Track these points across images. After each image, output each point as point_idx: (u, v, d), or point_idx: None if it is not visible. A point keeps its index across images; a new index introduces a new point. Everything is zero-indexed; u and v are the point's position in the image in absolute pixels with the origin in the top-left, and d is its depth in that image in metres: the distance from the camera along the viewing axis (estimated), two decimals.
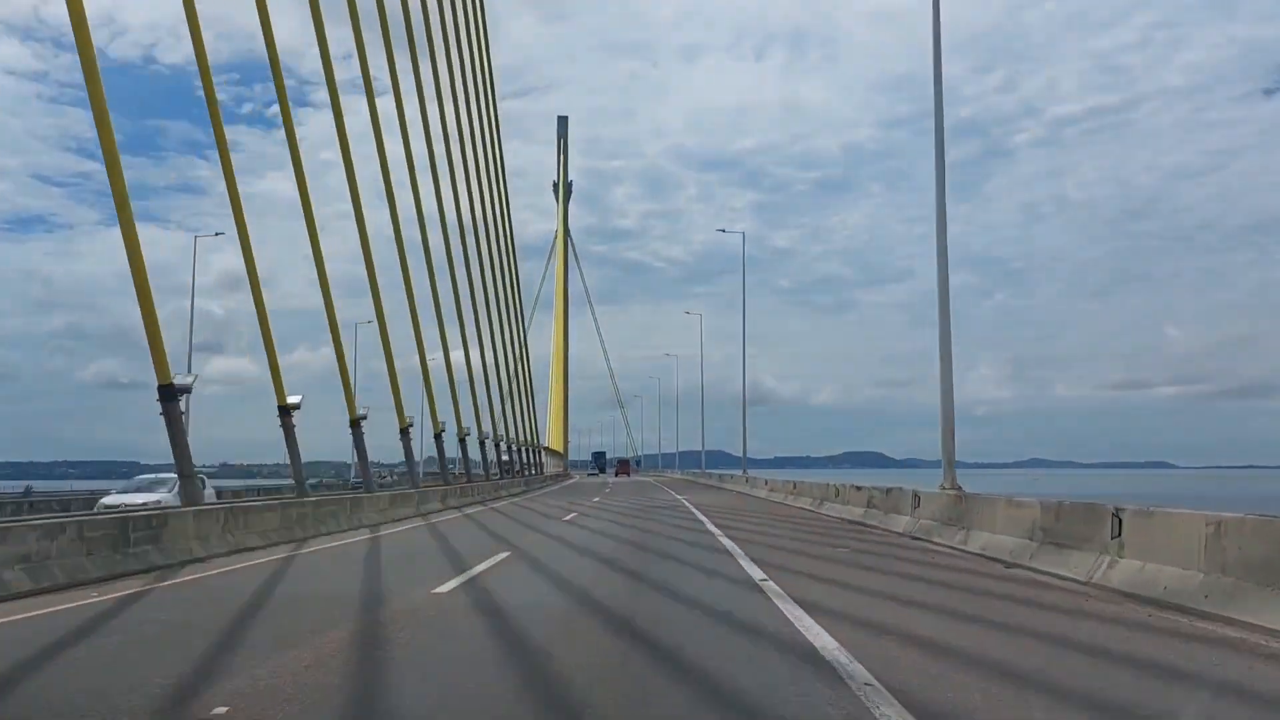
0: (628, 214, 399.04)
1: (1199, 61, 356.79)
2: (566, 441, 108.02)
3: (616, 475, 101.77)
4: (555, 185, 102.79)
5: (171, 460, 15.49)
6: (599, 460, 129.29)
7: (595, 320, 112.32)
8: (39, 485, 43.12)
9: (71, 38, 13.93)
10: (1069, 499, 10.08)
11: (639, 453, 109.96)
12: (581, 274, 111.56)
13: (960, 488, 14.30)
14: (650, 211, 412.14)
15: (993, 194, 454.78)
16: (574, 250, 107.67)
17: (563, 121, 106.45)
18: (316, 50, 22.94)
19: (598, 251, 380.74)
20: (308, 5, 21.93)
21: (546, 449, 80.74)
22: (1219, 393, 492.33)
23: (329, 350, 24.07)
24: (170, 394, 15.36)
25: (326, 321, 22.93)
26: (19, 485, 38.77)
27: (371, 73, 26.65)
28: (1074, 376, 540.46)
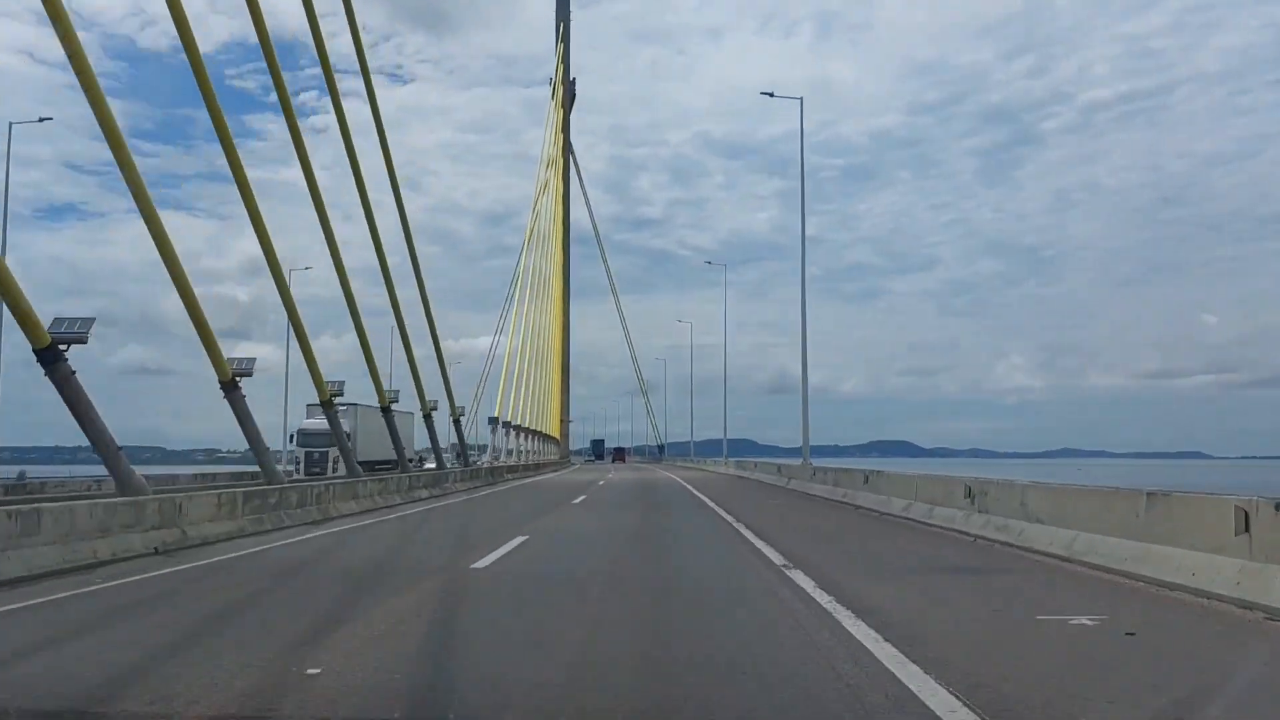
0: (653, 202, 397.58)
1: (1234, 45, 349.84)
2: (565, 422, 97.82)
3: (614, 462, 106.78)
4: (552, 86, 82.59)
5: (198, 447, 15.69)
6: (598, 448, 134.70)
7: (619, 307, 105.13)
8: (66, 471, 43.72)
9: (107, 27, 13.44)
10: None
11: (665, 440, 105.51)
12: (593, 218, 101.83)
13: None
14: (676, 199, 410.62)
15: (1022, 181, 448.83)
16: (580, 179, 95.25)
17: (563, 7, 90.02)
18: (346, 39, 24.03)
19: (622, 240, 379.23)
20: None
21: (538, 433, 73.20)
22: (1253, 382, 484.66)
23: (354, 337, 25.26)
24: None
25: (352, 309, 24.77)
26: (14, 470, 38.90)
27: (398, 60, 26.83)
28: (1106, 365, 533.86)
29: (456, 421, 41.81)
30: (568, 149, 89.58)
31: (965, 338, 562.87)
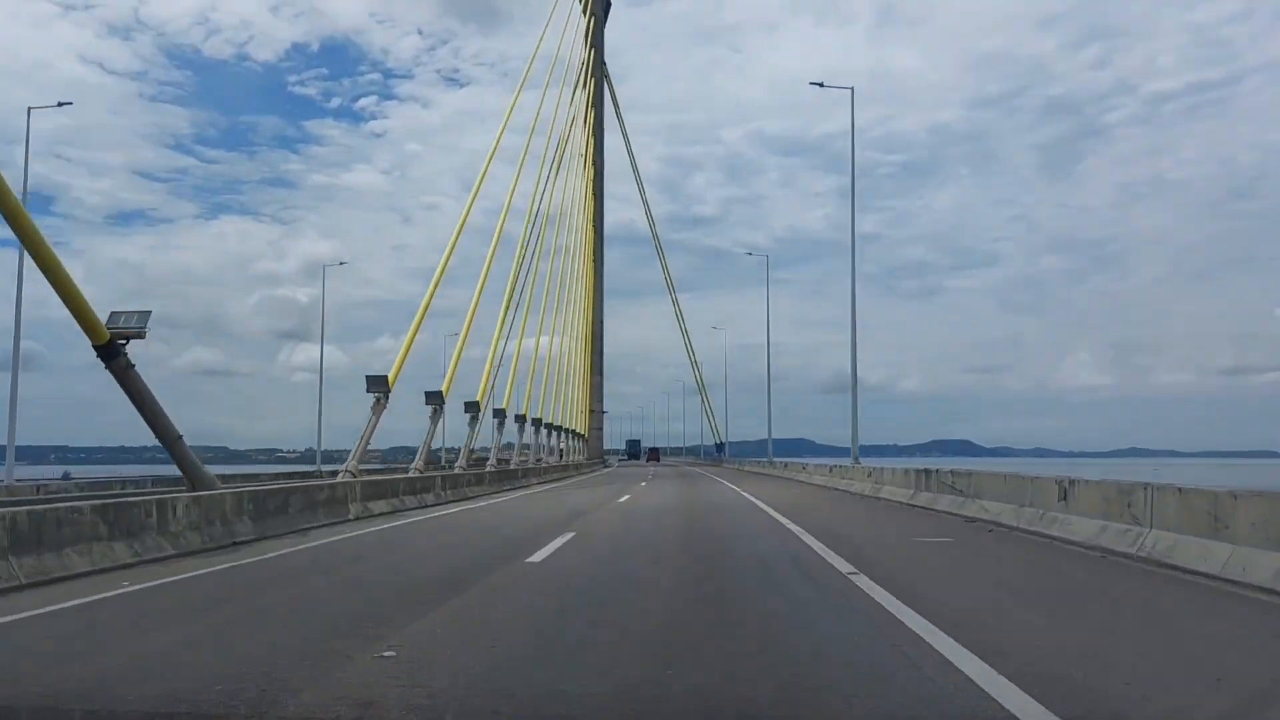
0: (707, 201, 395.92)
1: None
2: (593, 413, 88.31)
3: (648, 462, 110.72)
4: (581, 73, 68.16)
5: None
6: (633, 448, 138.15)
7: (676, 305, 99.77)
8: (129, 470, 44.88)
9: (173, 37, 13.60)
10: None
11: (725, 439, 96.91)
12: (650, 217, 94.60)
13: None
14: (731, 198, 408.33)
15: (1086, 175, 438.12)
16: (617, 106, 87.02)
17: None
18: (404, 44, 23.51)
19: (677, 239, 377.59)
20: None
21: (567, 430, 66.37)
22: None
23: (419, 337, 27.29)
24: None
25: (415, 310, 28.86)
26: (59, 470, 39.39)
27: (455, 64, 26.89)
28: (1176, 362, 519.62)
29: (520, 419, 42.78)
30: (599, 132, 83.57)
31: (1028, 335, 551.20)
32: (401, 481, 22.24)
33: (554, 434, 61.41)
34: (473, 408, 35.78)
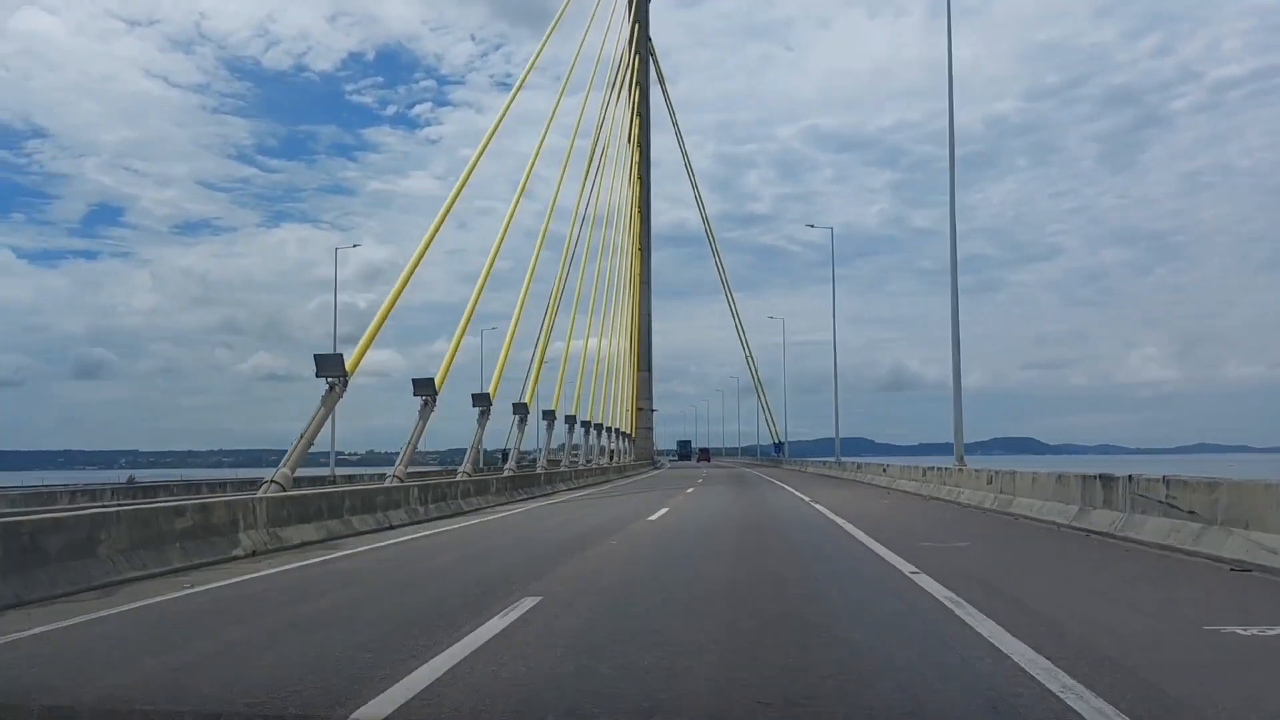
0: (761, 198, 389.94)
1: None
2: (640, 411, 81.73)
3: (698, 462, 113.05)
4: (626, 72, 64.59)
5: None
6: (684, 448, 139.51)
7: (731, 303, 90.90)
8: (197, 474, 45.58)
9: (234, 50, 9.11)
10: None
11: (784, 439, 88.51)
12: (704, 215, 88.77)
13: None
14: (784, 195, 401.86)
15: (1149, 164, 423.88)
16: (669, 104, 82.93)
17: None
18: (456, 51, 19.11)
19: (731, 237, 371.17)
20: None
21: (613, 430, 60.83)
22: None
23: (469, 340, 20.29)
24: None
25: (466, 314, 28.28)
26: (124, 475, 39.91)
27: (507, 69, 22.97)
28: (1246, 354, 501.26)
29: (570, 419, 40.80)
30: (645, 130, 79.38)
31: (1092, 329, 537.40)
32: (379, 494, 17.43)
33: (602, 434, 56.75)
34: (520, 409, 34.27)
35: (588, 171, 47.40)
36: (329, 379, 19.88)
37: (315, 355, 19.86)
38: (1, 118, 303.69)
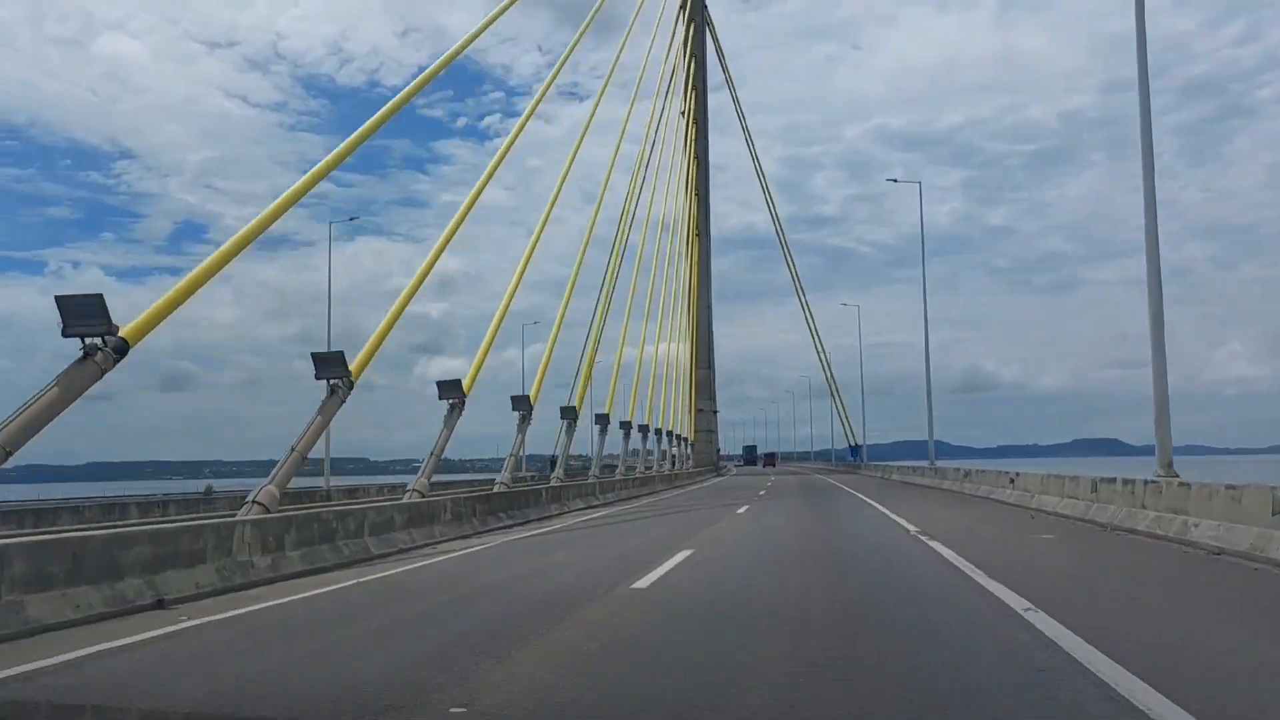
0: (829, 200, 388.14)
1: None
2: (699, 410, 74.82)
3: (764, 466, 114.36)
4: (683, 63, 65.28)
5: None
6: (750, 454, 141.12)
7: (805, 307, 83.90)
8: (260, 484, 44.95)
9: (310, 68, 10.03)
10: None
11: (862, 441, 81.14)
12: (775, 219, 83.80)
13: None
14: (853, 196, 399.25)
15: (1234, 156, 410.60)
16: (739, 108, 79.45)
17: None
18: (524, 62, 22.06)
19: (799, 240, 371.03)
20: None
21: (667, 433, 54.45)
22: None
23: (538, 348, 22.50)
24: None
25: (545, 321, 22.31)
26: (201, 484, 39.97)
27: (574, 78, 23.44)
28: None
29: (639, 426, 38.92)
30: (703, 130, 75.27)
31: (1176, 326, 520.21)
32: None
33: (661, 438, 52.24)
34: (569, 413, 31.22)
35: (636, 173, 46.06)
36: (451, 401, 18.23)
37: (438, 382, 18.04)
38: (91, 141, 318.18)
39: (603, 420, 36.36)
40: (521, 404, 26.39)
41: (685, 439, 64.58)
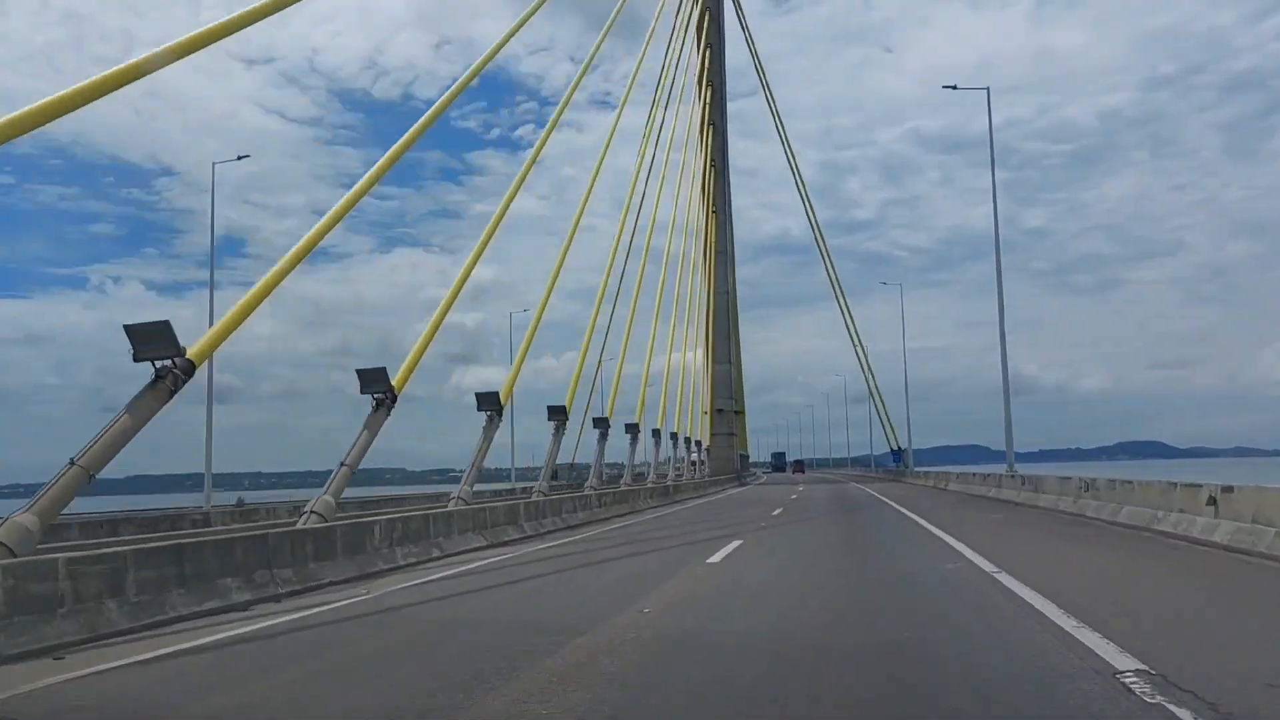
0: (864, 204, 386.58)
1: None
2: (717, 413, 67.19)
3: (793, 473, 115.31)
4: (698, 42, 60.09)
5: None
6: (778, 460, 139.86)
7: (846, 310, 76.23)
8: (300, 494, 45.55)
9: (345, 83, 10.29)
10: None
11: (906, 445, 70.64)
12: (814, 224, 77.53)
13: None
14: (889, 200, 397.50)
15: (1276, 153, 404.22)
16: (775, 111, 74.60)
17: None
18: (556, 72, 20.26)
19: (834, 245, 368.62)
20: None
21: (687, 440, 50.14)
22: None
23: (571, 355, 23.06)
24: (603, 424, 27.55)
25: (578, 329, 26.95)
26: (233, 496, 40.75)
27: (606, 86, 23.17)
28: None
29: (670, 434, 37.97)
30: (721, 132, 69.37)
31: (1219, 327, 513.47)
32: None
33: (660, 441, 46.86)
34: (557, 414, 26.96)
35: (636, 174, 39.83)
36: (375, 395, 17.01)
37: (358, 370, 17.02)
38: (133, 158, 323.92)
39: (602, 424, 32.32)
40: (557, 414, 26.69)
41: (700, 443, 58.08)
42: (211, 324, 17.28)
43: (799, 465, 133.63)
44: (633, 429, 36.63)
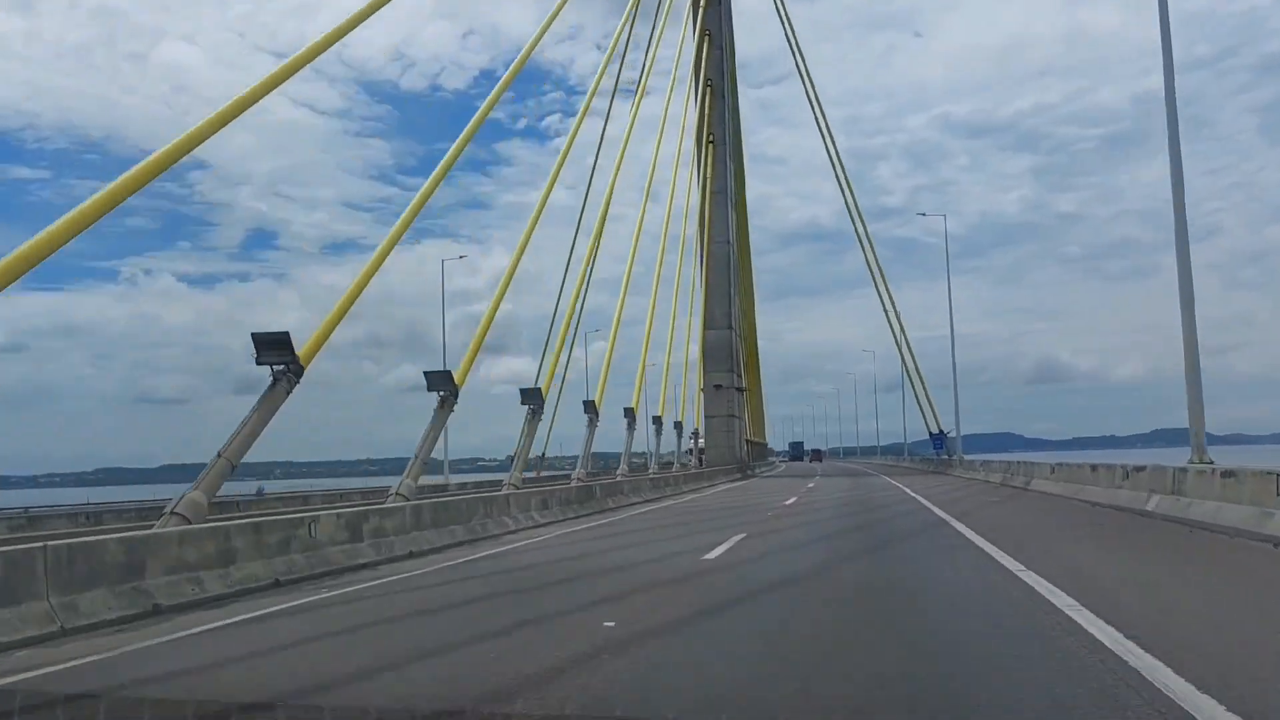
0: (893, 191, 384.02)
1: None
2: (715, 389, 54.84)
3: (811, 462, 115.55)
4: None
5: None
6: (796, 449, 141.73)
7: (887, 294, 59.65)
8: (349, 484, 46.63)
9: (373, 75, 11.41)
10: None
11: (950, 429, 56.82)
12: (854, 215, 66.68)
13: None
14: (918, 186, 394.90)
15: None
16: (813, 95, 58.47)
17: None
18: (583, 61, 23.22)
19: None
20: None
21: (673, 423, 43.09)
22: None
23: (598, 346, 19.65)
24: (536, 398, 24.03)
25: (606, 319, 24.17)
26: (254, 485, 41.80)
27: (633, 75, 24.57)
28: None
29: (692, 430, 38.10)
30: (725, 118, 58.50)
31: (1258, 312, 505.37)
32: None
33: (678, 429, 43.11)
34: (531, 397, 24.51)
35: (621, 156, 34.33)
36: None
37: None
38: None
39: (590, 409, 29.19)
40: (531, 397, 25.05)
41: (695, 431, 50.58)
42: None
43: (816, 454, 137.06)
44: (629, 414, 32.96)
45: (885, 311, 58.92)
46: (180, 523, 11.18)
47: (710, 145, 56.28)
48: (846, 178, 60.76)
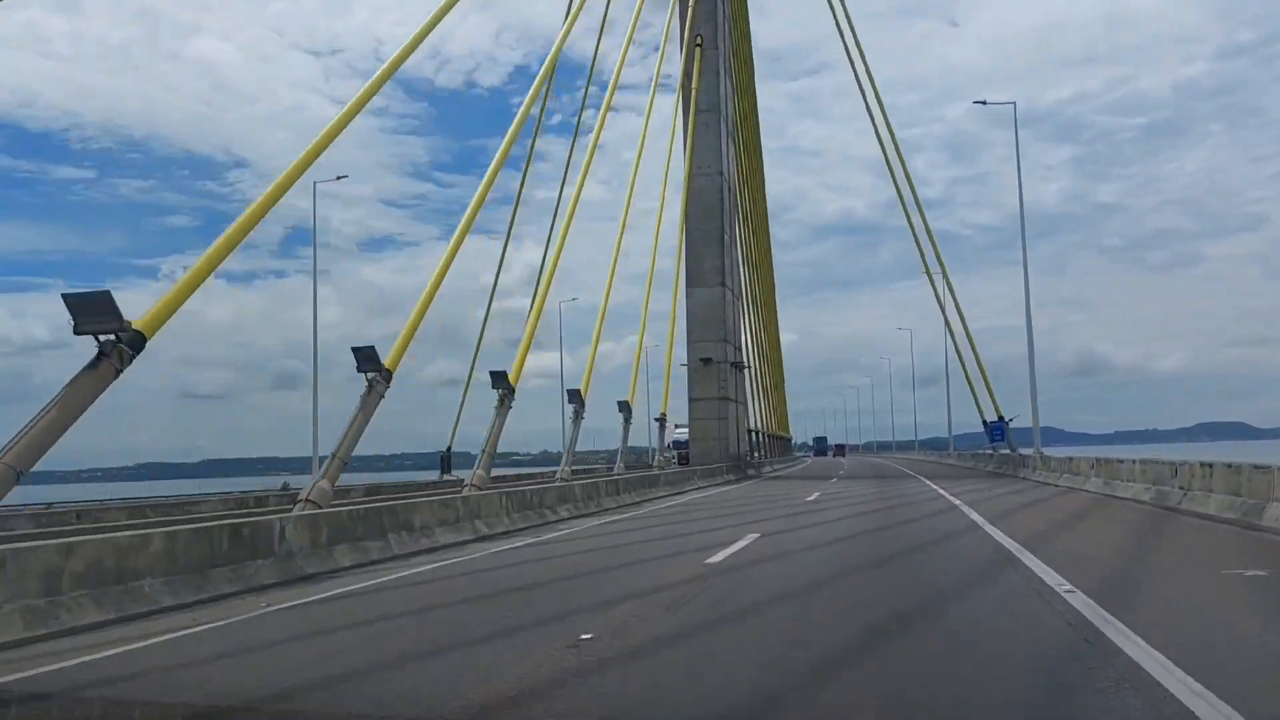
0: (931, 182, 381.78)
1: None
2: (706, 360, 43.85)
3: (834, 456, 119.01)
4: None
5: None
6: (820, 444, 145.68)
7: (941, 278, 50.27)
8: (387, 478, 47.52)
9: (410, 72, 12.02)
10: None
11: (1002, 416, 45.87)
12: (908, 209, 64.44)
13: None
14: (955, 177, 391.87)
15: None
16: (866, 79, 46.05)
17: None
18: (617, 55, 20.05)
19: (901, 225, 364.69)
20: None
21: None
22: None
23: (630, 339, 16.78)
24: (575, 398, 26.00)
25: (628, 314, 16.32)
26: (278, 480, 42.09)
27: (667, 69, 26.00)
28: None
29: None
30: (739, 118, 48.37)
31: None
32: None
33: (660, 424, 37.79)
34: (499, 380, 22.19)
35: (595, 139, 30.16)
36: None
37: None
38: (205, 151, 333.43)
39: (575, 398, 26.55)
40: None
41: (678, 424, 42.79)
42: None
43: (840, 449, 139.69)
44: (624, 407, 29.85)
45: (937, 296, 48.71)
46: (312, 508, 12.99)
47: (698, 46, 43.73)
48: (905, 166, 46.42)
